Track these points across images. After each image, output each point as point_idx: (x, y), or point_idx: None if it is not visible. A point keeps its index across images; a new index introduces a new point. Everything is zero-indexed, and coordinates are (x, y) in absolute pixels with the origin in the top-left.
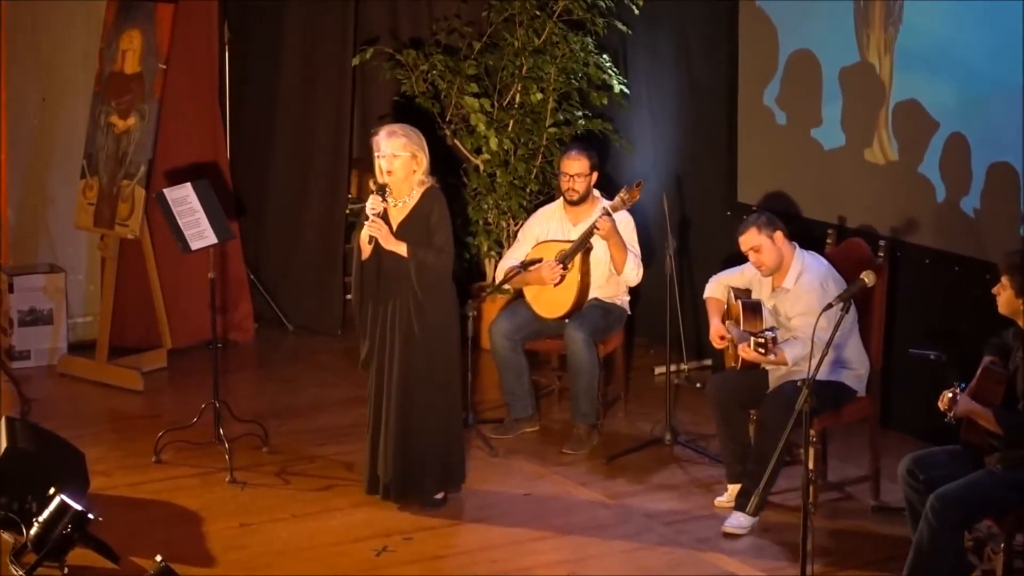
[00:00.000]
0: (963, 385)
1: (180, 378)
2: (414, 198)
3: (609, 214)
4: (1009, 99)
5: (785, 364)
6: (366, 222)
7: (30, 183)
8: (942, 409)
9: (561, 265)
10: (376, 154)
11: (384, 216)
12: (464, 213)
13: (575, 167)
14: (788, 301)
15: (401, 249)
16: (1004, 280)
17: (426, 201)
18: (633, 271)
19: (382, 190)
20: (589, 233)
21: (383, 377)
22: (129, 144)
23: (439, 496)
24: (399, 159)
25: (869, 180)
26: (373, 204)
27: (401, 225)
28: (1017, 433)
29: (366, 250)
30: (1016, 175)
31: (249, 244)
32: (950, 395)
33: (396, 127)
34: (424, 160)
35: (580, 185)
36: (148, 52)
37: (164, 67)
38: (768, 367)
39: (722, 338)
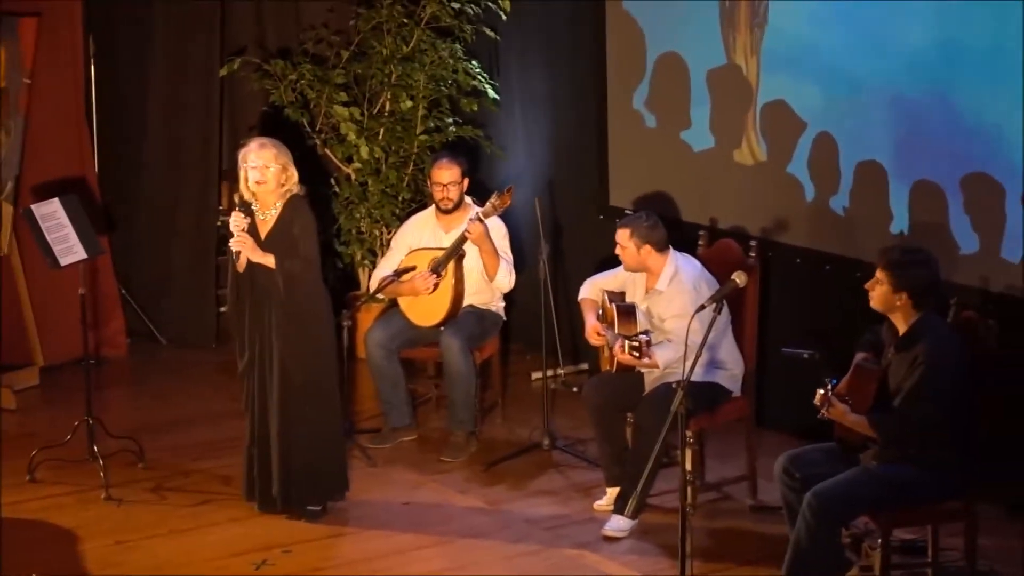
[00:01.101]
0: (834, 381)
1: (53, 395)
2: (279, 208)
3: (481, 220)
4: (875, 97)
5: (658, 367)
6: (231, 239)
7: None
8: (816, 406)
9: (434, 275)
10: (244, 165)
11: (252, 229)
12: (336, 222)
13: (446, 176)
14: (662, 303)
15: (268, 261)
16: (880, 275)
17: (288, 210)
18: (505, 278)
19: (245, 206)
20: (462, 240)
21: (263, 388)
22: None
23: (318, 508)
24: (271, 169)
25: (739, 181)
26: (236, 220)
27: (268, 236)
28: (894, 437)
29: (241, 263)
30: (884, 173)
31: (120, 258)
32: (822, 392)
33: (266, 140)
34: (294, 173)
35: (453, 193)
36: (12, 67)
37: (29, 82)
38: (643, 370)
39: (599, 334)
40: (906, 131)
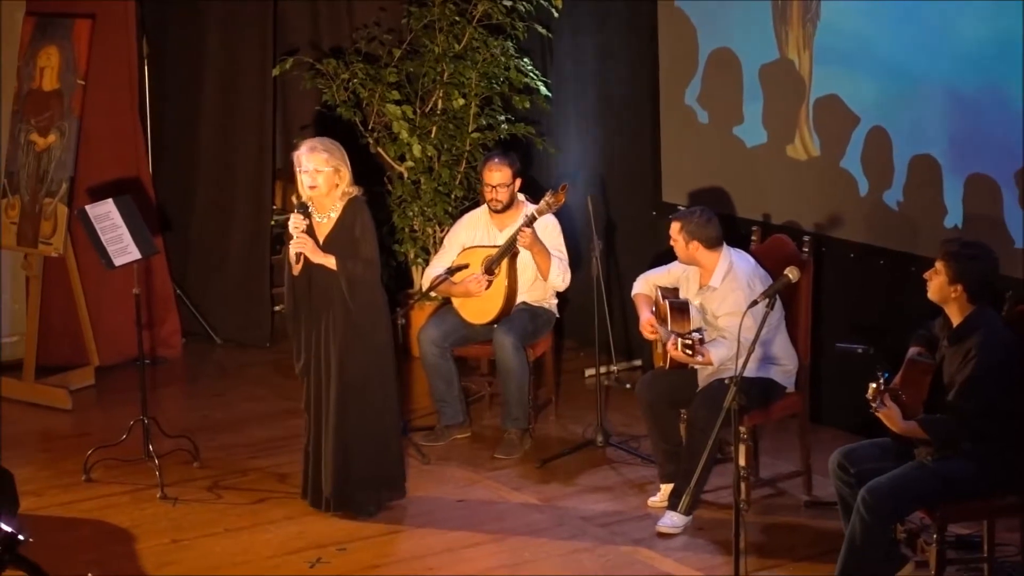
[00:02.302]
0: (887, 375)
1: (108, 395)
2: (338, 210)
3: (530, 224)
4: (929, 91)
5: (711, 364)
6: (291, 241)
7: None
8: (869, 400)
9: (487, 275)
10: (298, 169)
11: (310, 231)
12: (390, 221)
13: (497, 177)
14: (715, 300)
15: (329, 262)
16: (939, 265)
17: (348, 212)
18: (559, 276)
19: (303, 207)
20: (515, 239)
21: (320, 389)
22: (50, 162)
23: (374, 508)
24: (322, 174)
25: (792, 176)
26: (295, 222)
27: (327, 238)
28: (947, 438)
29: (296, 268)
30: (938, 167)
31: (174, 259)
32: (875, 386)
33: (317, 142)
34: (347, 173)
35: (503, 195)
36: (66, 68)
37: (83, 83)
38: (696, 366)
39: (653, 327)
40: (960, 125)
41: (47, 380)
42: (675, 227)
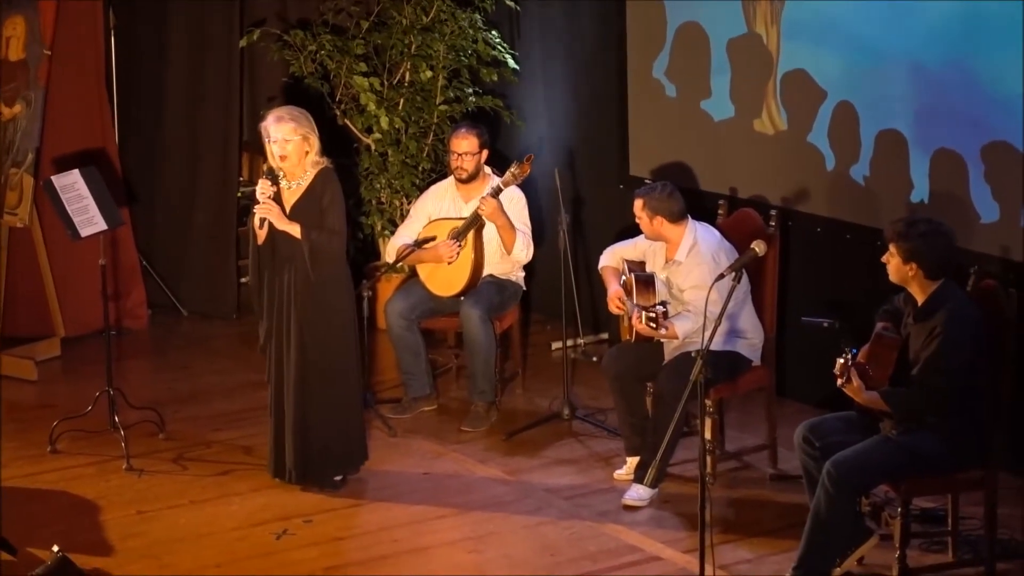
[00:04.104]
0: (854, 351)
1: (74, 367)
2: (307, 179)
3: (496, 195)
4: (895, 66)
5: (676, 338)
6: (256, 206)
7: None
8: (836, 375)
9: (456, 243)
10: (267, 140)
11: (277, 198)
12: (357, 193)
13: (464, 145)
14: (680, 274)
15: (294, 230)
16: (892, 248)
17: (318, 182)
18: (523, 251)
19: (271, 173)
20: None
21: (281, 360)
22: (16, 132)
23: (338, 478)
24: (291, 143)
25: (759, 150)
26: (263, 188)
27: (295, 207)
28: (907, 412)
29: (260, 234)
30: (904, 142)
31: (140, 230)
32: (842, 360)
33: (283, 111)
34: (315, 141)
35: (469, 164)
36: (32, 39)
37: (49, 53)
38: (663, 340)
39: (620, 301)
40: (926, 100)
41: (12, 351)
42: (638, 204)
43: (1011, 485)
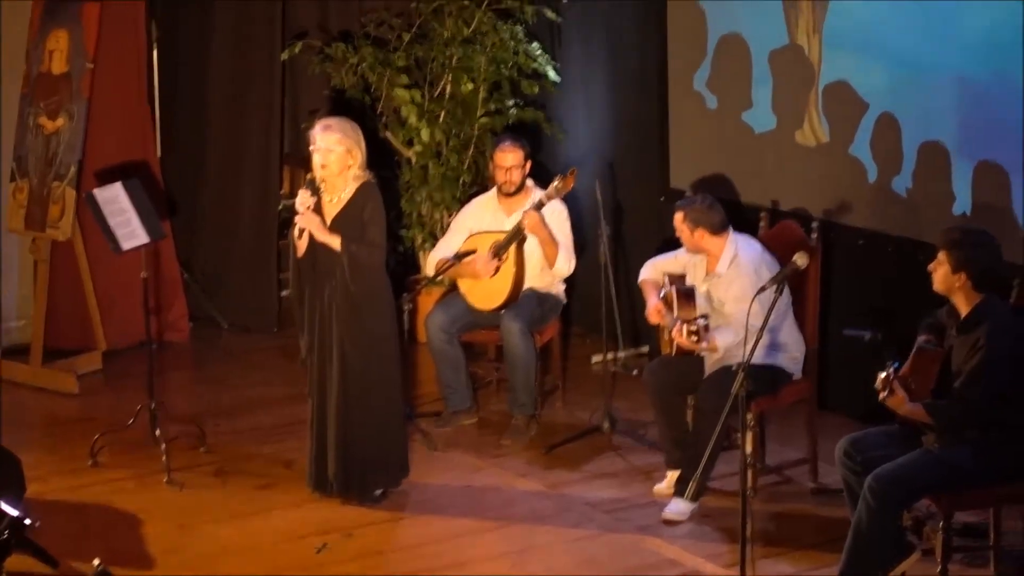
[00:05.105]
0: (897, 364)
1: (115, 380)
2: (349, 192)
3: (538, 207)
4: (938, 77)
5: (717, 351)
6: (297, 216)
7: None
8: (878, 389)
9: (496, 258)
10: (312, 147)
11: (318, 210)
12: (397, 206)
13: (510, 159)
14: (721, 286)
15: (334, 242)
16: (941, 256)
17: (360, 196)
18: (564, 264)
19: (312, 184)
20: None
21: (324, 373)
22: (59, 145)
23: (379, 492)
24: (333, 153)
25: (801, 162)
26: (302, 198)
27: (335, 219)
28: (949, 424)
29: (300, 246)
30: (947, 154)
31: (182, 243)
32: (884, 375)
33: (332, 121)
34: (360, 155)
35: (516, 176)
36: (75, 52)
37: (92, 66)
38: (703, 353)
39: (659, 313)
40: (969, 111)
41: (54, 364)
42: (679, 216)
43: None
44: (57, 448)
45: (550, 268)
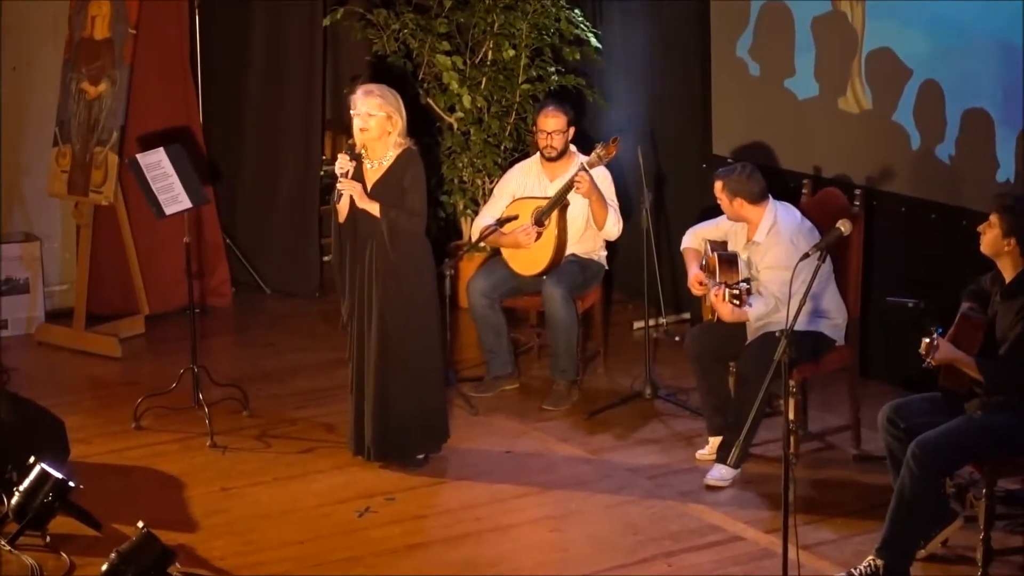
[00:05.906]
0: (940, 331)
1: (158, 344)
2: (389, 159)
3: (586, 170)
4: (981, 44)
5: (747, 319)
6: (338, 182)
7: (3, 152)
8: (922, 355)
9: (536, 227)
10: (352, 111)
11: (358, 175)
12: (439, 172)
13: (552, 124)
14: (759, 253)
15: (374, 208)
16: (993, 218)
17: (401, 163)
18: (614, 226)
19: (351, 149)
20: (566, 189)
21: (363, 338)
22: (101, 110)
23: (420, 456)
24: (374, 118)
25: (843, 129)
26: (341, 163)
27: (376, 186)
28: (1000, 383)
29: (341, 211)
30: (990, 121)
31: (224, 208)
32: (928, 340)
33: (374, 87)
34: (400, 122)
35: (558, 142)
36: (117, 17)
37: (134, 32)
38: (743, 320)
39: (701, 284)
40: (1013, 78)
41: (97, 328)
42: (718, 185)
43: None
44: (100, 412)
45: (599, 230)
